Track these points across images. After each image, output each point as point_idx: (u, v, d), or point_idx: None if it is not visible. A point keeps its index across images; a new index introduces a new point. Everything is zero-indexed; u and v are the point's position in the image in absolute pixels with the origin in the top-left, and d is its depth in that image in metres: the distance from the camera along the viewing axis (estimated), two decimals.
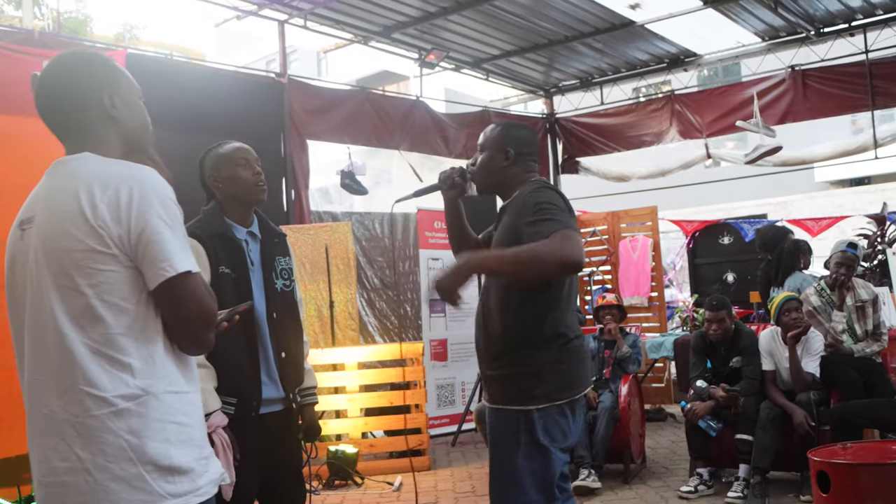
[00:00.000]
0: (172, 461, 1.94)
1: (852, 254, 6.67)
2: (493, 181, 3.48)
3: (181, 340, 2.04)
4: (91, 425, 1.90)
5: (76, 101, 2.13)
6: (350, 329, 8.81)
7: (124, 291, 1.94)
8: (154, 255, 1.93)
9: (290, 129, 9.44)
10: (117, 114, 2.15)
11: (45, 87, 2.15)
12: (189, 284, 1.98)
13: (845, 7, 9.95)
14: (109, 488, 1.88)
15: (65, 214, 1.95)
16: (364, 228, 10.11)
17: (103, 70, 2.19)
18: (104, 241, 1.92)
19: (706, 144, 11.49)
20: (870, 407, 5.81)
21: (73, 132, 2.14)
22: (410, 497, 6.61)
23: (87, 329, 1.93)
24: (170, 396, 1.98)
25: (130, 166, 2.04)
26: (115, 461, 1.89)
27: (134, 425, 1.91)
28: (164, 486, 1.92)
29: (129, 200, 1.93)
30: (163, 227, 1.95)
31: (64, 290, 1.95)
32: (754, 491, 5.70)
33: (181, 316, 2.00)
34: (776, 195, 20.77)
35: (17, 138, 6.99)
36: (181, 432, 1.98)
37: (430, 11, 9.81)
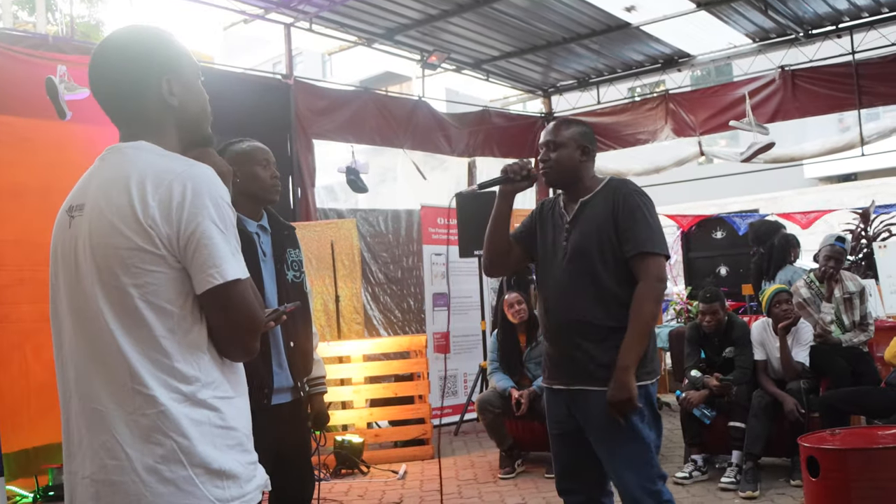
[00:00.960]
0: (222, 465, 1.85)
1: (840, 247, 6.78)
2: (570, 177, 3.56)
3: (226, 347, 1.93)
4: (143, 424, 1.81)
5: (132, 87, 1.99)
6: (355, 323, 8.93)
7: (170, 294, 1.84)
8: (203, 259, 1.83)
9: (296, 128, 9.55)
10: (175, 101, 2.01)
11: (100, 66, 2.01)
12: (237, 292, 1.87)
13: (832, 9, 10.09)
14: (157, 490, 1.79)
15: (115, 209, 1.84)
16: (369, 225, 10.20)
17: (163, 51, 2.03)
18: (153, 240, 1.81)
19: (699, 142, 11.55)
20: (857, 394, 5.90)
21: (127, 117, 2.02)
22: (415, 485, 6.75)
23: (133, 329, 1.83)
24: (217, 401, 1.89)
25: (187, 162, 1.91)
26: (165, 462, 1.80)
27: (185, 427, 1.81)
28: (213, 491, 1.83)
29: (181, 200, 1.82)
30: (214, 231, 1.84)
31: (109, 288, 1.84)
32: (747, 476, 5.79)
33: (228, 323, 1.89)
34: (767, 191, 20.89)
35: (33, 141, 7.11)
36: (229, 437, 1.90)
37: (431, 14, 9.91)
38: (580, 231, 3.44)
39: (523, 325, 7.10)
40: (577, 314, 3.38)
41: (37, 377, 6.98)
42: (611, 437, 3.32)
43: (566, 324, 3.42)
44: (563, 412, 3.48)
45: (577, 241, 3.44)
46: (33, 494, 6.64)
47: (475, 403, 7.27)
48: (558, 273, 3.46)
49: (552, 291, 3.50)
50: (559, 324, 3.46)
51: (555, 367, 3.50)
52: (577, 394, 3.40)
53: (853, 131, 10.65)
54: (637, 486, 3.31)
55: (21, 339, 6.98)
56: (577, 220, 3.47)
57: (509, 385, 6.93)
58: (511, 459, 6.91)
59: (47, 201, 6.87)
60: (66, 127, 7.12)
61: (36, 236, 6.89)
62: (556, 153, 3.54)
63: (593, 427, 3.37)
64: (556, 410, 3.53)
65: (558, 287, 3.46)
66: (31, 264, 6.97)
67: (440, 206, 9.83)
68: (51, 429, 6.90)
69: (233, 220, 1.93)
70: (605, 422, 3.29)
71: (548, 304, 3.51)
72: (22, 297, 6.99)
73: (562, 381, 3.46)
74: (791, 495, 5.68)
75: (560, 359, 3.46)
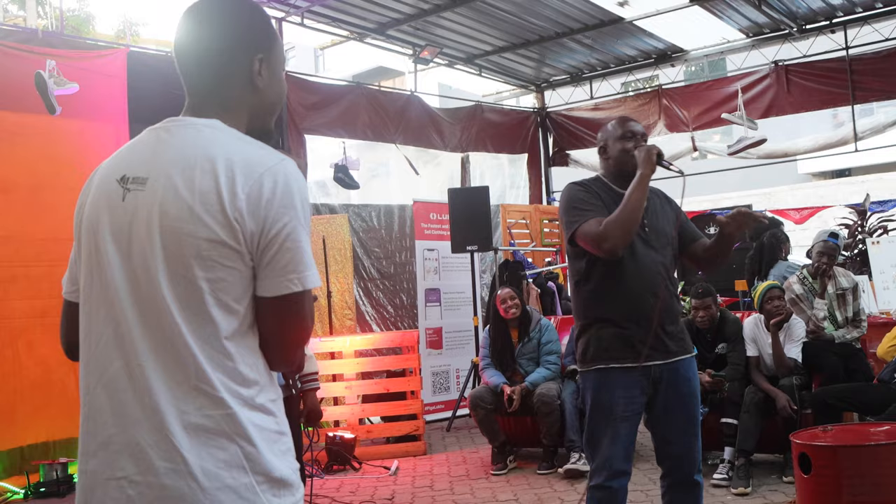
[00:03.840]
0: (282, 473, 1.73)
1: (833, 243, 6.76)
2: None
3: (273, 354, 1.78)
4: (205, 426, 1.66)
5: (225, 56, 1.82)
6: (347, 318, 8.95)
7: (238, 292, 1.69)
8: (285, 263, 1.68)
9: (288, 123, 9.55)
10: (262, 83, 1.86)
11: (189, 28, 1.84)
12: (305, 302, 1.74)
13: (826, 4, 10.11)
14: (216, 497, 1.64)
15: (198, 194, 1.66)
16: (361, 220, 10.19)
17: (264, 28, 1.89)
18: (237, 235, 1.65)
19: (693, 137, 11.60)
20: (849, 391, 5.89)
21: (206, 87, 1.84)
22: (407, 480, 6.75)
23: (197, 325, 1.67)
24: (272, 405, 1.76)
25: (276, 154, 1.75)
26: (227, 468, 1.66)
27: (250, 432, 1.68)
28: (271, 500, 1.71)
29: (271, 196, 1.67)
30: (301, 234, 1.71)
31: (177, 278, 1.67)
32: (739, 472, 5.80)
33: (284, 332, 1.76)
34: (761, 187, 20.94)
35: (22, 135, 7.07)
36: (282, 442, 1.78)
37: (424, 9, 9.92)
38: (658, 220, 3.68)
39: (515, 321, 7.08)
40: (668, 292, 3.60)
41: (29, 374, 6.96)
42: (696, 404, 3.66)
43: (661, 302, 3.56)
44: (635, 392, 3.56)
45: (656, 225, 3.64)
46: (24, 491, 6.63)
47: (467, 399, 7.25)
48: (647, 256, 3.58)
49: (643, 273, 3.57)
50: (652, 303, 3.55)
51: (639, 345, 3.52)
52: (672, 366, 3.59)
53: (847, 127, 10.69)
54: (700, 451, 3.67)
55: (13, 336, 6.95)
56: (651, 210, 3.66)
57: (501, 381, 6.92)
58: (503, 455, 6.90)
59: (37, 196, 6.91)
60: (56, 122, 7.10)
61: (26, 232, 6.88)
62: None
63: (687, 396, 3.61)
64: (627, 391, 3.55)
65: (651, 268, 3.58)
66: (21, 260, 6.94)
67: (433, 201, 9.83)
68: (43, 426, 6.89)
69: (310, 223, 1.79)
70: (696, 388, 3.66)
71: (637, 283, 3.56)
72: (13, 293, 6.97)
73: (657, 356, 3.55)
74: (783, 492, 5.68)
75: (651, 336, 3.51)
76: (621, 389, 3.54)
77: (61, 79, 7.00)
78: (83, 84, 7.11)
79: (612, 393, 3.55)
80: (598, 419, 3.58)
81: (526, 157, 13.08)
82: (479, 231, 8.89)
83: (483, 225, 8.95)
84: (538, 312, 7.47)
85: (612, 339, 3.55)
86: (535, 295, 9.19)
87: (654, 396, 3.58)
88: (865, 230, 10.50)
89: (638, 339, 3.50)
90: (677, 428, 3.61)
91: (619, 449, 3.56)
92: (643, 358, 3.49)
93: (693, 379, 3.65)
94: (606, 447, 3.54)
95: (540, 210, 11.81)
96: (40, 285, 6.92)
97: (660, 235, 3.63)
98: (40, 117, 7.05)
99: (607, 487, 3.56)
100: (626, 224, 3.45)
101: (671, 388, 3.56)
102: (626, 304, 3.54)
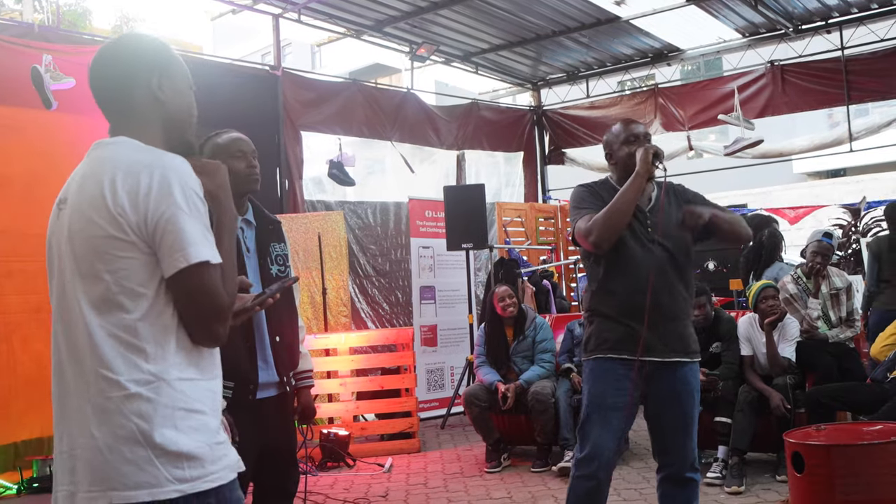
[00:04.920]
0: (180, 447, 1.92)
1: (827, 243, 6.77)
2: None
3: (192, 332, 1.99)
4: (106, 407, 1.90)
5: (125, 80, 2.10)
6: (342, 315, 8.93)
7: (142, 277, 1.92)
8: (170, 243, 1.91)
9: (284, 120, 9.55)
10: (164, 97, 2.12)
11: (99, 63, 2.13)
12: (203, 276, 1.94)
13: (822, 5, 10.13)
14: (121, 469, 1.88)
15: (90, 200, 1.95)
16: (357, 217, 10.19)
17: (158, 53, 2.16)
18: (122, 228, 1.90)
19: (688, 137, 11.61)
20: (843, 390, 5.89)
21: (117, 111, 2.12)
22: (401, 478, 6.74)
23: (106, 314, 1.92)
24: (182, 383, 1.95)
25: (158, 153, 2.00)
26: (126, 444, 1.88)
27: (144, 410, 1.89)
28: (172, 472, 1.90)
29: (148, 188, 1.91)
30: (181, 216, 1.92)
31: (85, 275, 1.94)
32: (732, 471, 5.81)
33: (193, 307, 1.96)
34: (756, 186, 20.97)
35: (19, 129, 7.07)
36: (192, 419, 1.95)
37: (420, 6, 9.93)
38: (666, 220, 3.69)
39: (511, 319, 7.09)
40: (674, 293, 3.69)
41: (24, 370, 6.94)
42: (694, 405, 3.71)
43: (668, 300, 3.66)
44: (626, 384, 3.62)
45: (665, 225, 3.66)
46: (17, 486, 6.61)
47: (462, 397, 7.26)
48: (652, 255, 3.63)
49: (646, 271, 3.60)
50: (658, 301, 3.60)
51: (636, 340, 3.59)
52: (666, 365, 3.64)
53: (842, 127, 10.70)
54: (695, 449, 3.73)
55: (8, 330, 6.94)
56: (653, 205, 3.72)
57: (496, 379, 6.92)
58: (497, 453, 6.91)
59: (33, 191, 6.90)
60: (52, 116, 7.09)
61: (22, 227, 6.87)
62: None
63: (681, 394, 3.67)
64: (618, 382, 3.64)
65: (655, 268, 3.62)
66: (17, 255, 6.93)
67: (428, 198, 9.83)
68: (38, 422, 6.88)
69: (203, 208, 2.00)
70: (693, 388, 3.70)
71: (635, 281, 3.61)
72: (8, 288, 6.96)
73: (652, 353, 3.61)
74: (776, 490, 5.69)
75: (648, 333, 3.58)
76: (613, 380, 3.64)
77: (57, 73, 6.99)
78: (79, 79, 7.09)
79: (606, 383, 3.66)
80: (592, 408, 3.68)
81: (522, 155, 13.09)
82: (474, 229, 8.90)
83: (478, 223, 8.96)
84: (533, 311, 7.47)
85: (609, 332, 3.66)
86: (530, 293, 9.19)
87: (649, 392, 3.68)
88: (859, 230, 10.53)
89: (634, 334, 3.59)
90: (669, 425, 3.70)
91: (610, 438, 3.64)
92: (636, 353, 3.57)
93: (691, 379, 3.70)
94: (597, 435, 3.63)
95: (535, 208, 11.80)
96: (36, 280, 6.90)
97: (667, 235, 3.66)
98: (36, 112, 7.05)
99: (597, 477, 3.63)
100: (612, 220, 3.54)
101: (665, 386, 3.64)
102: (623, 298, 3.63)
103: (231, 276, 2.07)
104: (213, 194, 2.15)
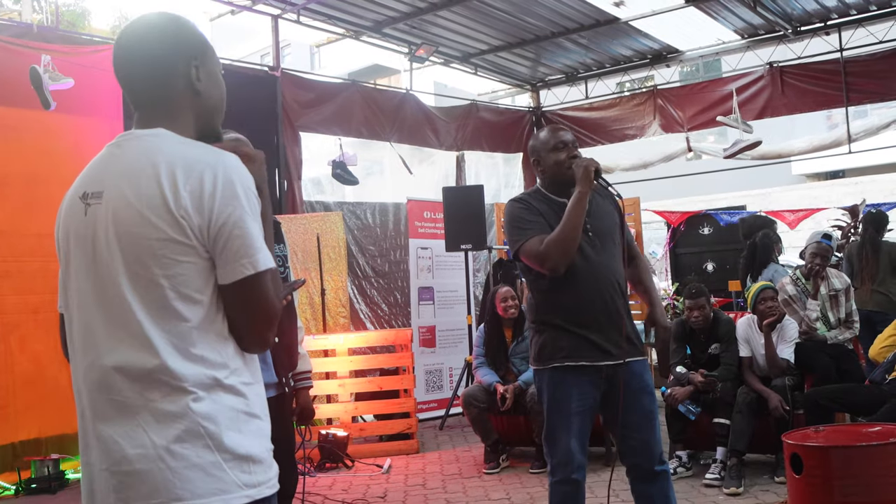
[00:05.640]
0: (249, 450, 1.87)
1: (827, 245, 6.78)
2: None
3: (243, 337, 1.92)
4: (169, 411, 1.80)
5: (163, 68, 1.96)
6: (341, 316, 8.93)
7: (199, 283, 1.83)
8: (236, 249, 1.82)
9: (283, 120, 9.53)
10: (201, 87, 2.00)
11: (127, 47, 1.98)
12: (264, 283, 1.86)
13: (821, 6, 10.11)
14: (185, 476, 1.78)
15: (145, 199, 1.81)
16: (356, 218, 10.19)
17: (194, 36, 2.02)
18: (185, 231, 1.79)
19: (687, 138, 11.56)
20: (842, 392, 5.90)
21: (151, 100, 1.98)
22: (399, 479, 6.75)
23: (162, 320, 1.81)
24: (242, 387, 1.90)
25: (214, 151, 1.90)
26: (193, 448, 1.79)
27: (212, 413, 1.82)
28: (240, 476, 1.84)
29: (212, 189, 1.81)
30: (247, 220, 1.84)
31: (137, 279, 1.82)
32: (731, 472, 5.80)
33: (248, 314, 1.89)
34: (755, 187, 20.99)
35: (17, 129, 7.07)
36: (252, 423, 1.91)
37: (419, 7, 9.92)
38: (601, 221, 3.78)
39: (510, 321, 7.09)
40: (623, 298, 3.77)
41: (22, 370, 6.94)
42: (653, 401, 3.78)
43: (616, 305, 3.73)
44: (588, 389, 3.69)
45: (599, 227, 3.74)
46: (15, 487, 6.61)
47: (460, 398, 7.25)
48: (596, 259, 3.70)
49: (594, 276, 3.68)
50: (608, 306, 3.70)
51: (591, 345, 3.67)
52: (623, 366, 3.68)
53: (841, 128, 10.70)
54: (660, 443, 3.79)
55: (6, 331, 6.94)
56: (590, 214, 3.72)
57: (494, 380, 6.93)
58: (496, 454, 6.91)
59: (31, 192, 6.90)
60: (51, 117, 7.09)
61: (20, 227, 6.87)
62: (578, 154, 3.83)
63: (639, 392, 3.71)
64: (580, 388, 3.69)
65: (601, 272, 3.70)
66: (15, 255, 6.94)
67: (427, 199, 9.83)
68: (35, 423, 6.88)
69: (258, 209, 1.92)
70: (648, 384, 3.78)
71: (586, 287, 3.68)
72: (6, 288, 6.95)
73: (609, 357, 3.68)
74: (775, 492, 5.68)
75: (602, 337, 3.67)
76: (575, 387, 3.68)
77: (56, 74, 6.99)
78: (78, 79, 7.09)
79: (567, 390, 3.69)
80: (555, 415, 3.73)
81: (521, 156, 13.06)
82: (473, 230, 8.91)
83: (477, 224, 8.96)
84: None
85: (565, 340, 3.69)
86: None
87: (608, 395, 3.72)
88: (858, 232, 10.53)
89: (588, 339, 3.66)
90: (632, 423, 3.73)
91: (577, 442, 3.70)
92: (594, 358, 3.65)
93: (645, 376, 3.79)
94: (565, 441, 3.69)
95: None
96: (34, 280, 6.91)
97: (604, 237, 3.75)
98: (35, 112, 7.04)
99: (573, 480, 3.72)
100: (566, 242, 3.59)
101: (624, 387, 3.67)
102: (577, 307, 3.67)
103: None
104: (258, 187, 2.01)
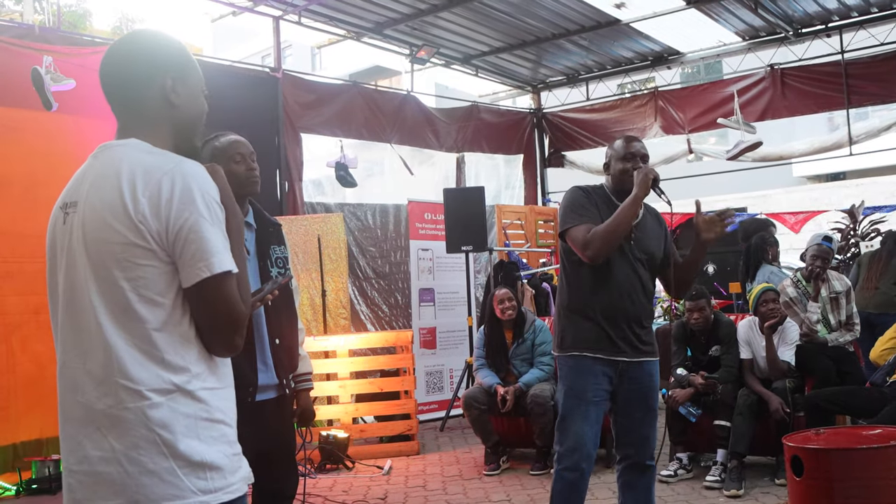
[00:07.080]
0: (204, 457, 1.89)
1: (827, 247, 6.77)
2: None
3: (209, 341, 1.96)
4: (125, 417, 1.84)
5: (138, 78, 2.03)
6: (341, 317, 8.92)
7: (160, 287, 1.88)
8: (192, 253, 1.87)
9: (284, 122, 9.55)
10: (177, 100, 2.06)
11: (113, 59, 2.06)
12: (223, 287, 1.90)
13: (822, 9, 10.14)
14: (141, 481, 1.83)
15: (107, 205, 1.89)
16: (357, 219, 10.19)
17: (175, 54, 2.09)
18: (143, 235, 1.85)
19: (688, 140, 11.60)
20: (842, 394, 5.90)
21: (127, 110, 2.06)
22: (400, 480, 6.74)
23: (124, 322, 1.87)
24: (203, 392, 1.92)
25: (175, 158, 1.95)
26: (147, 455, 1.84)
27: (167, 420, 1.85)
28: (196, 482, 1.87)
29: (170, 195, 1.86)
30: (203, 225, 1.88)
31: (102, 282, 1.89)
32: (731, 475, 5.80)
33: (211, 318, 1.93)
34: (756, 189, 20.99)
35: (19, 130, 7.08)
36: (213, 429, 1.93)
37: (421, 9, 9.93)
38: (647, 237, 4.05)
39: (510, 322, 7.08)
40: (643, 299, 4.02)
41: (24, 370, 6.94)
42: (655, 398, 4.04)
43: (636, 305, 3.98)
44: (603, 380, 3.93)
45: (644, 242, 4.00)
46: (16, 487, 6.61)
47: (461, 399, 7.24)
48: (633, 264, 3.96)
49: (628, 279, 3.95)
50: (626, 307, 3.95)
51: (611, 341, 3.92)
52: (637, 364, 3.95)
53: (842, 130, 10.70)
54: (655, 439, 4.05)
55: (7, 332, 6.94)
56: (638, 226, 3.99)
57: (495, 381, 6.92)
58: (496, 456, 6.90)
59: (33, 192, 6.90)
60: (52, 118, 7.10)
61: (22, 228, 6.87)
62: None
63: (649, 391, 3.99)
64: (596, 378, 3.93)
65: (634, 277, 3.96)
66: (16, 256, 6.94)
67: (428, 200, 9.83)
68: (37, 423, 6.88)
69: (222, 216, 1.96)
70: (655, 385, 4.04)
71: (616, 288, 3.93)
72: (7, 289, 6.96)
73: (627, 354, 3.93)
74: (775, 494, 5.68)
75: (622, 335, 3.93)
76: (592, 376, 3.92)
77: (58, 75, 6.99)
78: (80, 80, 7.10)
79: (586, 378, 3.94)
80: (572, 400, 3.96)
81: (521, 157, 13.09)
82: (473, 231, 8.90)
83: (478, 225, 8.96)
84: (532, 313, 7.47)
85: (588, 331, 3.94)
86: (530, 296, 9.19)
87: (619, 388, 3.96)
88: (858, 234, 10.53)
89: (610, 335, 3.90)
90: (637, 418, 3.98)
91: (590, 430, 3.93)
92: (613, 353, 3.90)
93: (654, 377, 4.04)
94: (579, 426, 3.92)
95: (535, 211, 11.79)
96: (35, 282, 6.89)
97: (644, 252, 4.00)
98: (36, 113, 7.05)
99: (580, 468, 3.91)
100: (610, 237, 3.82)
101: (634, 383, 3.95)
102: (607, 303, 3.92)
103: (245, 282, 2.02)
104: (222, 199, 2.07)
